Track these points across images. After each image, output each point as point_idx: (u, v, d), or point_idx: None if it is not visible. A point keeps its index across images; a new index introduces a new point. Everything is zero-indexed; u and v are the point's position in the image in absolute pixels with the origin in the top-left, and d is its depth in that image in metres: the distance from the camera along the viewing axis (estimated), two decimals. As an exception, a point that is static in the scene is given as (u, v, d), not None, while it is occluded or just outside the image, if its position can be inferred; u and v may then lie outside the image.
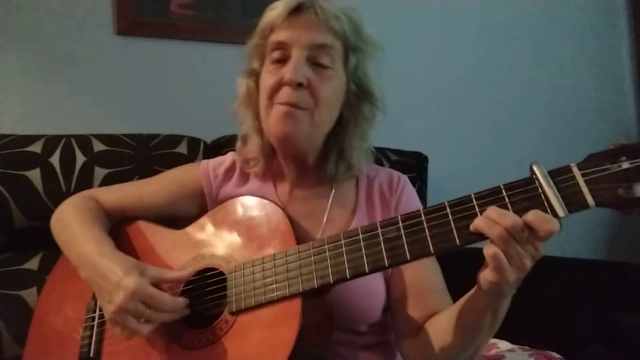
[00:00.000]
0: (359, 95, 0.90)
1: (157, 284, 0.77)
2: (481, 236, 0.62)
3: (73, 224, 0.89)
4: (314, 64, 0.85)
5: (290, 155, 0.92)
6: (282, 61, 0.85)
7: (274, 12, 0.87)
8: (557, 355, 1.13)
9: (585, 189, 0.59)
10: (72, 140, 1.31)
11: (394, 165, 1.58)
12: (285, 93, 0.83)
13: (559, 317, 1.37)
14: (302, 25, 0.85)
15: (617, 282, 1.37)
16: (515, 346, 1.24)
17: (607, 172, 0.59)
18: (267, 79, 0.86)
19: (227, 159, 1.01)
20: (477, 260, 0.64)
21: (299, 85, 0.82)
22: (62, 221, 0.93)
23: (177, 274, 0.80)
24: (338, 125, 0.91)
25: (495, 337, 1.26)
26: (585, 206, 0.60)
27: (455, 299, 0.79)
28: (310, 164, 0.92)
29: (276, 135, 0.86)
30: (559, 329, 1.35)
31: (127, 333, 0.74)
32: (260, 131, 0.93)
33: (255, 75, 0.92)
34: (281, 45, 0.85)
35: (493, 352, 1.21)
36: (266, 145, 0.93)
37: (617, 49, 2.34)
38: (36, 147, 1.28)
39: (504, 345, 1.25)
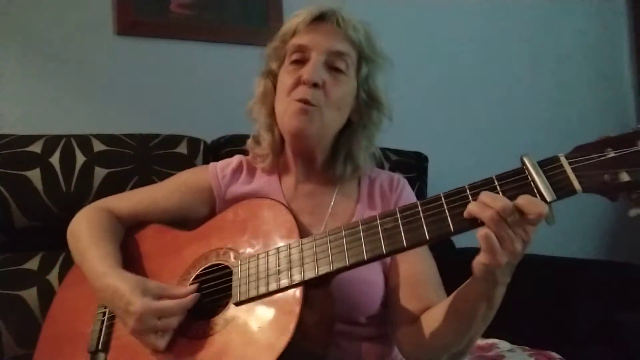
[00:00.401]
0: (368, 102, 0.96)
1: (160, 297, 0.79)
2: (474, 222, 0.64)
3: (83, 239, 0.92)
4: (330, 68, 0.91)
5: (301, 151, 0.96)
6: (301, 62, 0.91)
7: (297, 18, 0.94)
8: (557, 355, 1.14)
9: (572, 175, 0.62)
10: (72, 140, 1.31)
11: (394, 165, 1.59)
12: (301, 91, 0.88)
13: (559, 317, 1.37)
14: (323, 32, 0.92)
15: (617, 282, 1.37)
16: (515, 346, 1.24)
17: (593, 161, 0.62)
18: (286, 78, 0.92)
19: (234, 160, 1.05)
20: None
21: (315, 85, 0.88)
22: (75, 234, 0.95)
23: (178, 291, 0.82)
24: (348, 129, 0.96)
25: (495, 337, 1.27)
26: (573, 191, 0.62)
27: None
28: (319, 162, 0.97)
29: (289, 130, 0.91)
30: (559, 329, 1.35)
31: (150, 347, 0.77)
32: (271, 128, 0.99)
33: (272, 75, 0.98)
34: (301, 49, 0.91)
35: (493, 352, 1.21)
36: (276, 142, 0.99)
37: (618, 48, 2.34)
38: (36, 147, 1.28)
39: (504, 345, 1.26)
